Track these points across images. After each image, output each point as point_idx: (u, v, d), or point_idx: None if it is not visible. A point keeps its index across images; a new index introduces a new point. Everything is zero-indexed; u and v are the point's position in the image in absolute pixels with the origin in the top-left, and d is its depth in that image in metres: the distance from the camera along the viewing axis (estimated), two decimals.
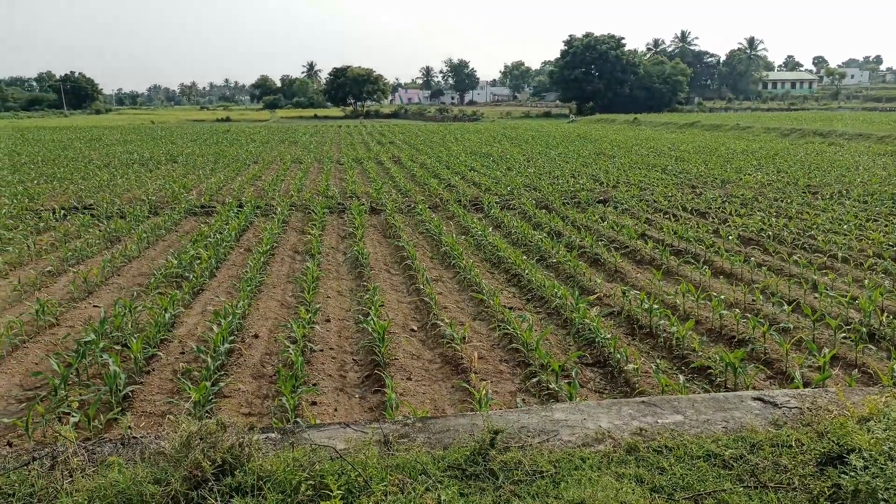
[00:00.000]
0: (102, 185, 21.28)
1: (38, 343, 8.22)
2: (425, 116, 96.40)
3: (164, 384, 7.13)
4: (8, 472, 3.07)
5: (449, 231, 14.61)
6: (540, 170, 25.15)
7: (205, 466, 3.07)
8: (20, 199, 17.62)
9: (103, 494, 3.03)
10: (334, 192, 20.13)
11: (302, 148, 38.27)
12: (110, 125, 71.95)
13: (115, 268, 11.64)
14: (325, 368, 7.63)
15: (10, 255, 12.01)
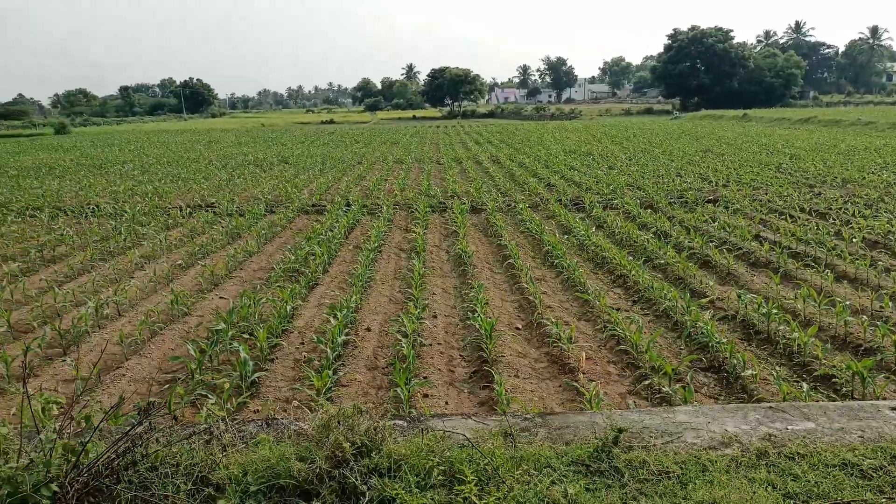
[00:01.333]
0: (222, 184, 22.74)
1: (173, 330, 8.94)
2: (522, 115, 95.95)
3: (287, 372, 7.58)
4: (172, 444, 3.43)
5: (550, 230, 14.56)
6: (643, 168, 24.50)
7: (345, 447, 3.30)
8: (151, 197, 19.16)
9: (255, 468, 3.32)
10: (436, 191, 20.50)
11: (403, 148, 39.15)
12: (225, 128, 76.50)
13: (237, 262, 12.44)
14: (434, 363, 7.85)
15: (145, 249, 13.11)
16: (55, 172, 27.39)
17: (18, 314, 9.26)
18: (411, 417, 4.18)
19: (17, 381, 7.27)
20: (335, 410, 3.61)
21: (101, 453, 3.12)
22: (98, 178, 25.24)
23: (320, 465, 3.25)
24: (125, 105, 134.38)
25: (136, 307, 9.80)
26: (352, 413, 3.58)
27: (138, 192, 20.54)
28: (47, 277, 11.26)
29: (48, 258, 12.59)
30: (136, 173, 26.56)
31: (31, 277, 11.27)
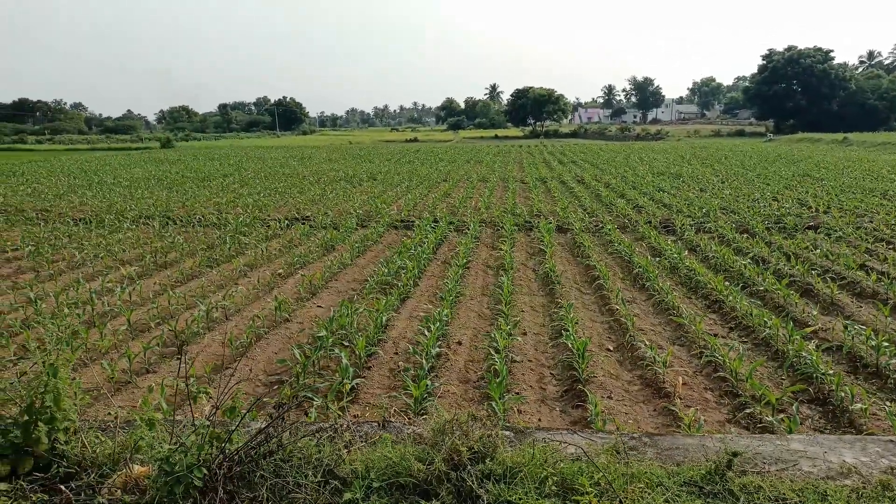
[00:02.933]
0: (315, 198, 23.69)
1: (276, 335, 9.42)
2: (606, 135, 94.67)
3: (383, 380, 7.85)
4: (300, 439, 3.68)
5: (641, 252, 14.35)
6: (737, 192, 23.71)
7: (462, 451, 3.46)
8: (251, 209, 20.21)
9: (376, 466, 3.53)
10: (521, 209, 20.59)
11: (487, 167, 39.47)
12: (315, 145, 79.47)
13: (332, 273, 12.94)
14: (526, 379, 7.92)
15: (248, 258, 13.86)
16: (163, 184, 29.31)
17: (136, 314, 10.01)
18: (517, 429, 4.29)
19: (137, 375, 7.87)
20: (450, 416, 3.78)
21: (243, 443, 3.41)
22: (202, 189, 26.82)
23: (438, 466, 3.42)
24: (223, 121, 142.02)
25: (241, 312, 10.39)
26: (465, 420, 3.74)
27: (239, 204, 21.71)
28: (161, 281, 12.10)
29: (161, 263, 13.52)
30: (237, 186, 28.05)
31: (147, 280, 12.13)
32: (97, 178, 32.82)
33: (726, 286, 10.90)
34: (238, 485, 3.31)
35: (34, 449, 3.82)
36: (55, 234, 16.37)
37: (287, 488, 3.27)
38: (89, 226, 17.80)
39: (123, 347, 8.41)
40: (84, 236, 16.14)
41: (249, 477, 3.34)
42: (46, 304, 10.20)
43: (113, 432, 4.17)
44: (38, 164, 46.12)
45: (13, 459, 3.78)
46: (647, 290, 11.67)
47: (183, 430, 3.90)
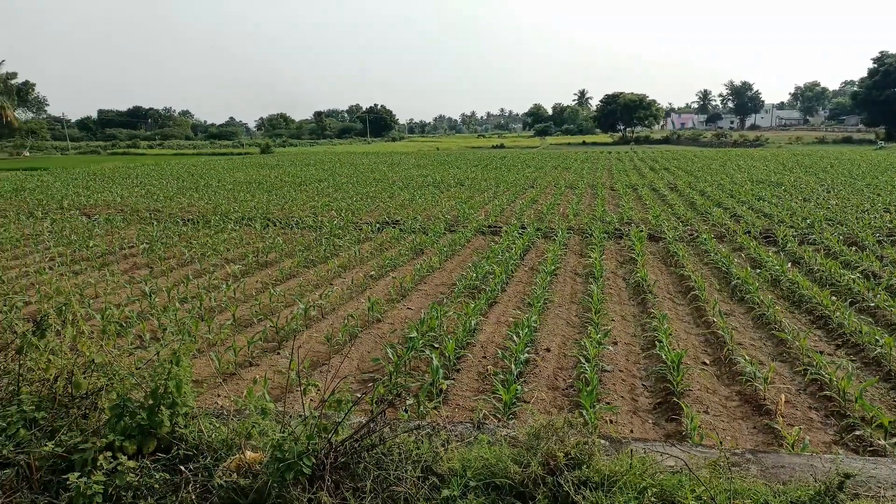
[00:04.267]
0: (405, 203, 24.19)
1: (369, 334, 9.71)
2: (700, 142, 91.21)
3: (472, 383, 7.94)
4: (399, 434, 3.82)
5: (739, 263, 13.78)
6: (844, 202, 22.30)
7: (559, 456, 3.48)
8: (345, 213, 20.90)
9: (473, 465, 3.60)
10: (611, 217, 20.22)
11: (575, 173, 38.98)
12: (404, 151, 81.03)
13: (421, 276, 13.18)
14: (617, 389, 7.80)
15: (342, 260, 14.35)
16: (263, 187, 30.77)
17: (240, 310, 10.58)
18: (613, 438, 4.26)
19: (241, 367, 8.33)
20: (545, 421, 3.80)
21: (347, 435, 3.58)
22: (299, 193, 27.96)
23: (535, 470, 3.46)
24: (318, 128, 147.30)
25: (336, 311, 10.77)
26: (561, 425, 3.76)
27: (333, 208, 22.50)
28: (262, 279, 12.73)
29: (262, 262, 14.22)
30: (331, 191, 29.07)
31: (249, 278, 12.79)
32: (203, 181, 34.87)
33: (833, 301, 10.30)
34: (342, 475, 3.48)
35: (157, 431, 4.15)
36: (166, 233, 17.55)
37: (389, 481, 3.40)
38: (197, 226, 18.97)
39: (229, 341, 8.92)
40: (192, 236, 17.21)
41: (353, 468, 3.50)
42: (159, 299, 10.96)
43: (226, 419, 4.46)
44: (150, 167, 49.52)
45: (139, 440, 4.11)
46: (745, 302, 11.20)
47: (289, 420, 4.13)
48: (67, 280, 12.21)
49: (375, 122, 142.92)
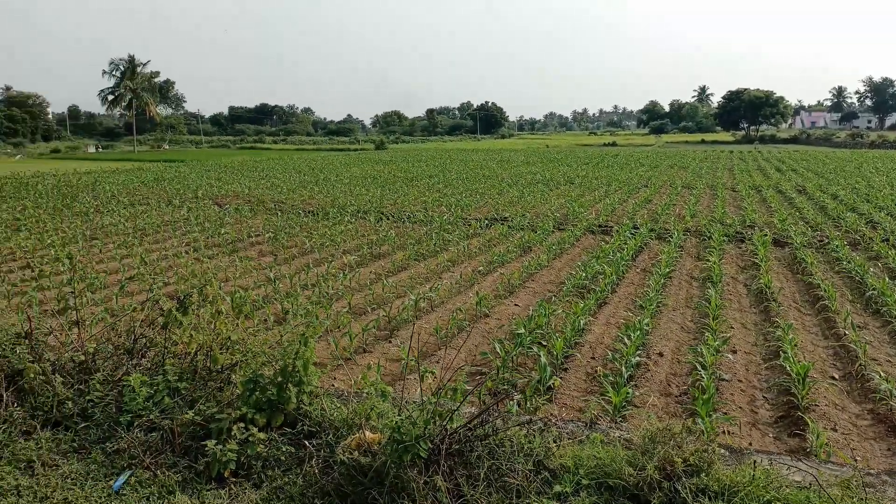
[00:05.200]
0: (513, 200, 24.18)
1: (476, 328, 9.83)
2: (832, 142, 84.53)
3: (579, 383, 7.85)
4: (510, 427, 3.86)
5: (876, 273, 12.69)
6: None
7: (676, 462, 3.40)
8: (454, 209, 21.20)
9: (585, 464, 3.59)
10: (731, 219, 19.23)
11: (692, 173, 37.33)
12: (512, 148, 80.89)
13: (529, 273, 13.15)
14: (735, 399, 7.45)
15: (451, 254, 14.58)
16: (377, 182, 31.79)
17: (355, 299, 11.02)
18: (733, 448, 4.09)
19: (356, 353, 8.68)
20: (662, 425, 3.72)
21: (461, 424, 3.67)
22: (410, 188, 28.66)
23: (650, 474, 3.39)
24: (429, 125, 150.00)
25: (445, 304, 10.98)
26: (679, 431, 3.66)
27: (443, 203, 22.88)
28: (375, 270, 13.19)
29: (375, 254, 14.73)
30: (441, 186, 29.57)
31: (363, 269, 13.29)
32: (322, 175, 36.51)
33: None
34: (456, 461, 3.57)
35: (284, 407, 4.43)
36: (289, 223, 18.57)
37: (501, 471, 3.46)
38: (316, 217, 19.93)
39: (345, 328, 9.33)
40: (312, 227, 18.10)
41: (467, 456, 3.58)
42: (283, 284, 11.63)
43: (346, 399, 4.69)
44: (274, 161, 52.48)
45: (268, 413, 4.42)
46: (882, 316, 10.33)
47: (405, 405, 4.28)
48: (202, 264, 13.21)
49: (485, 119, 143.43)
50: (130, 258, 13.81)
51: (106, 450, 4.41)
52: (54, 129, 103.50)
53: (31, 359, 5.04)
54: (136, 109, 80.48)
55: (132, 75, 78.11)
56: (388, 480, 3.47)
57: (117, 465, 4.28)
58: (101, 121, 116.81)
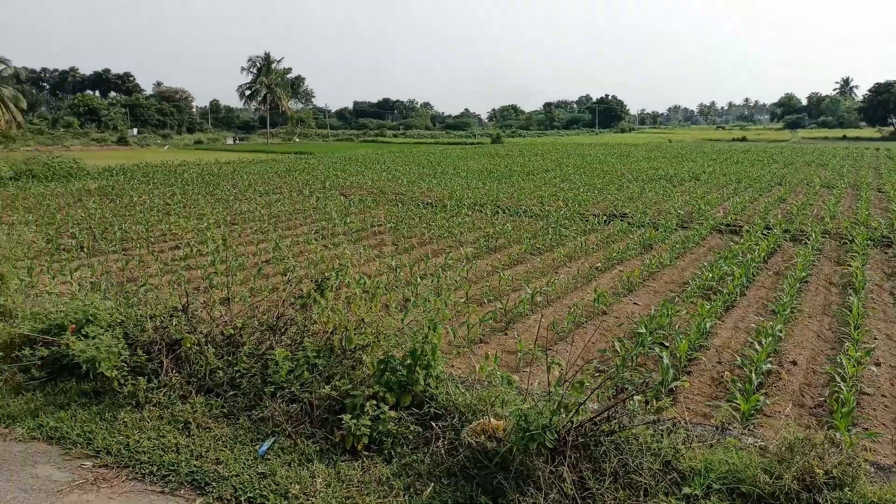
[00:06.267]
0: (633, 196, 23.49)
1: (593, 325, 9.70)
2: None
3: (703, 388, 7.57)
4: (637, 425, 3.84)
5: None
6: None
7: (817, 473, 3.25)
8: (571, 204, 20.93)
9: (716, 468, 3.51)
10: (877, 222, 17.65)
11: (832, 171, 34.56)
12: (632, 142, 78.39)
13: (650, 272, 12.76)
14: (878, 416, 6.90)
15: (567, 249, 14.44)
16: (493, 176, 31.97)
17: (472, 290, 11.20)
18: (880, 465, 3.84)
19: (472, 343, 8.85)
20: (802, 434, 3.56)
21: (587, 418, 3.70)
22: (526, 182, 28.59)
23: (788, 483, 3.27)
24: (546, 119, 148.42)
25: (561, 299, 10.91)
26: (821, 442, 3.49)
27: (560, 198, 22.65)
28: (491, 263, 13.33)
29: (491, 247, 14.87)
30: (557, 181, 29.26)
31: (480, 261, 13.47)
32: (440, 168, 37.20)
33: None
34: (581, 454, 3.61)
35: (413, 388, 4.65)
36: (409, 214, 19.13)
37: (628, 468, 3.46)
38: (434, 209, 20.38)
39: (462, 318, 9.52)
40: (431, 218, 18.53)
41: (592, 450, 3.61)
42: (403, 273, 12.03)
43: (470, 386, 4.84)
44: (395, 154, 54.09)
45: (397, 393, 4.65)
46: None
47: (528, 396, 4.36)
48: (329, 251, 13.93)
49: (604, 112, 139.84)
50: (266, 243, 14.80)
51: (252, 417, 4.83)
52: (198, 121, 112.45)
53: (188, 330, 5.59)
54: (270, 104, 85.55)
55: (268, 72, 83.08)
56: (513, 467, 3.57)
57: (262, 431, 4.67)
58: (239, 114, 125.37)
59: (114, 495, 4.18)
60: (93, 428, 4.92)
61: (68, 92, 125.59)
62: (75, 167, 32.54)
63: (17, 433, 5.05)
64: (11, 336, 6.20)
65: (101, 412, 5.13)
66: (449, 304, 10.02)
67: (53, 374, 5.72)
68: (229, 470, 4.23)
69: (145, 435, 4.74)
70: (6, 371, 5.98)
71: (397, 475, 4.00)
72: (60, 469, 4.54)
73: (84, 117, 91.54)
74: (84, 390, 5.46)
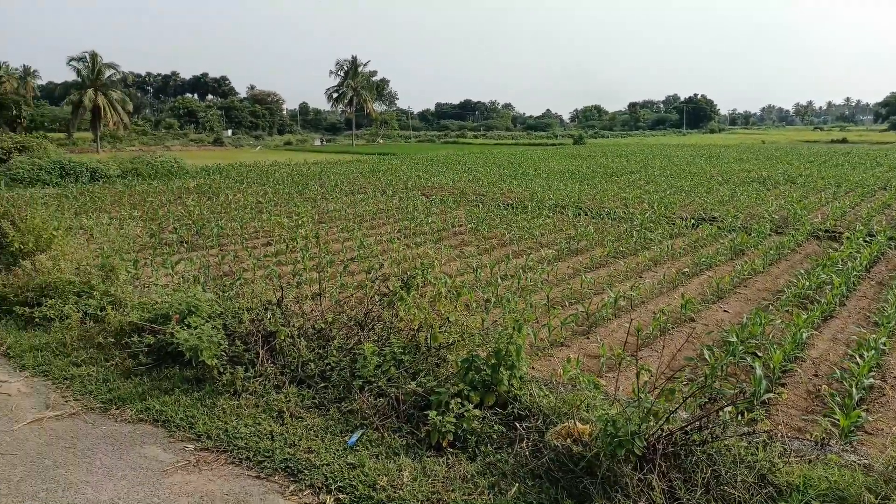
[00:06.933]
0: (724, 199, 22.59)
1: (680, 332, 9.41)
2: None
3: (798, 401, 7.21)
4: (730, 437, 3.72)
5: None
6: None
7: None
8: (657, 206, 20.35)
9: (815, 484, 3.36)
10: None
11: None
12: (723, 143, 75.35)
13: (741, 279, 12.25)
14: None
15: (653, 253, 14.06)
16: (575, 177, 31.54)
17: (552, 293, 11.11)
18: None
19: (553, 346, 8.78)
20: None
21: (678, 426, 3.62)
22: (610, 184, 28.03)
23: None
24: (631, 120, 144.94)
25: (645, 304, 10.66)
26: None
27: (645, 200, 22.07)
28: (573, 265, 13.17)
29: (573, 249, 14.69)
30: (642, 183, 28.53)
31: (561, 263, 13.33)
32: (521, 169, 37.05)
33: None
34: (671, 463, 3.53)
35: (496, 388, 4.68)
36: (489, 215, 19.16)
37: (721, 480, 3.36)
38: (515, 210, 20.33)
39: (543, 320, 9.46)
40: (511, 219, 18.50)
41: (683, 460, 3.53)
42: (483, 273, 12.08)
43: (553, 388, 4.82)
44: (475, 155, 54.27)
45: (481, 392, 4.69)
46: None
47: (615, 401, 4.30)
48: (411, 250, 14.17)
49: (693, 112, 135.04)
50: (350, 241, 15.22)
51: (341, 409, 5.00)
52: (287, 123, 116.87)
53: (282, 323, 5.85)
54: (356, 106, 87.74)
55: (354, 75, 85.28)
56: (600, 472, 3.54)
57: (351, 423, 4.83)
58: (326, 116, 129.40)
59: (213, 478, 4.44)
60: (194, 413, 5.24)
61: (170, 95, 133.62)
62: (176, 166, 34.56)
63: (127, 415, 5.44)
64: (122, 324, 6.68)
65: (202, 398, 5.45)
66: (529, 305, 9.99)
67: (159, 360, 6.12)
68: (320, 459, 4.41)
69: (242, 422, 5.01)
70: (117, 356, 6.44)
71: (482, 473, 4.05)
72: (165, 450, 4.86)
73: (183, 119, 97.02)
74: (186, 377, 5.81)
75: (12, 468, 4.65)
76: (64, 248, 9.55)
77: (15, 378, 6.40)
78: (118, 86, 65.81)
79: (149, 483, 4.40)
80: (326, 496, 4.07)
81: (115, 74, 64.85)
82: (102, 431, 5.19)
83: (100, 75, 61.71)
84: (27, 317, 7.74)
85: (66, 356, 6.71)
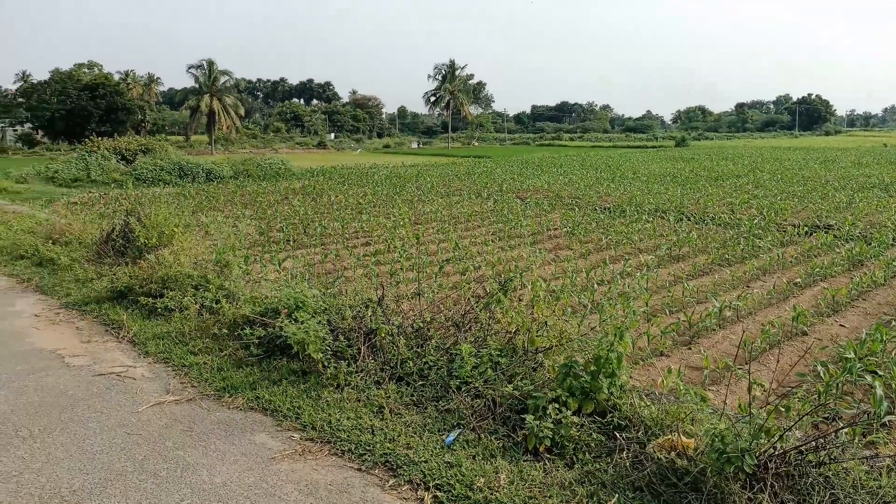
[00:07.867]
0: (841, 206, 21.12)
1: (790, 346, 8.89)
2: None
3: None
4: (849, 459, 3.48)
5: None
6: None
7: None
8: (766, 212, 19.29)
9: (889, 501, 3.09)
10: None
11: None
12: (840, 147, 70.40)
13: (859, 291, 11.41)
14: None
15: (761, 262, 13.35)
16: (677, 181, 30.43)
17: (652, 300, 10.78)
18: None
19: (652, 355, 8.52)
20: None
21: (792, 445, 3.44)
22: (714, 188, 26.84)
23: None
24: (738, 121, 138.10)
25: (753, 315, 10.14)
26: None
27: (753, 206, 20.99)
28: (674, 272, 12.72)
29: (674, 256, 14.19)
30: (750, 187, 27.13)
31: (661, 270, 12.91)
32: (619, 172, 36.17)
33: None
34: (784, 483, 3.36)
35: (595, 395, 4.61)
36: (585, 219, 18.84)
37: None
38: (612, 214, 19.88)
39: (642, 328, 9.21)
40: (608, 224, 18.10)
41: (797, 481, 3.35)
42: (579, 278, 11.90)
43: (655, 399, 4.70)
44: (571, 157, 53.49)
45: (580, 399, 4.64)
46: None
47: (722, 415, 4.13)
48: (505, 253, 14.17)
49: (806, 113, 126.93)
50: (446, 242, 15.41)
51: (439, 407, 5.09)
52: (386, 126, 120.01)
53: (383, 321, 6.02)
54: (453, 109, 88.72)
55: (451, 78, 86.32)
56: (705, 488, 3.42)
57: (448, 422, 4.91)
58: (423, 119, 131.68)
59: (318, 467, 4.64)
60: (300, 404, 5.49)
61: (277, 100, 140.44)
62: (283, 168, 36.28)
63: (238, 402, 5.78)
64: (235, 316, 7.10)
65: (308, 390, 5.71)
66: (627, 312, 9.75)
67: (268, 352, 6.46)
68: (419, 455, 4.51)
69: (345, 415, 5.20)
70: (230, 347, 6.86)
71: (580, 482, 4.00)
72: (273, 438, 5.12)
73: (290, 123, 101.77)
74: (293, 369, 6.11)
75: (137, 447, 5.05)
76: (183, 243, 10.28)
77: (139, 363, 6.95)
78: (231, 91, 69.94)
79: (258, 469, 4.66)
80: (424, 493, 4.15)
81: (229, 80, 68.99)
82: (217, 417, 5.54)
83: (215, 81, 65.84)
84: (150, 307, 8.38)
85: (185, 345, 7.21)
